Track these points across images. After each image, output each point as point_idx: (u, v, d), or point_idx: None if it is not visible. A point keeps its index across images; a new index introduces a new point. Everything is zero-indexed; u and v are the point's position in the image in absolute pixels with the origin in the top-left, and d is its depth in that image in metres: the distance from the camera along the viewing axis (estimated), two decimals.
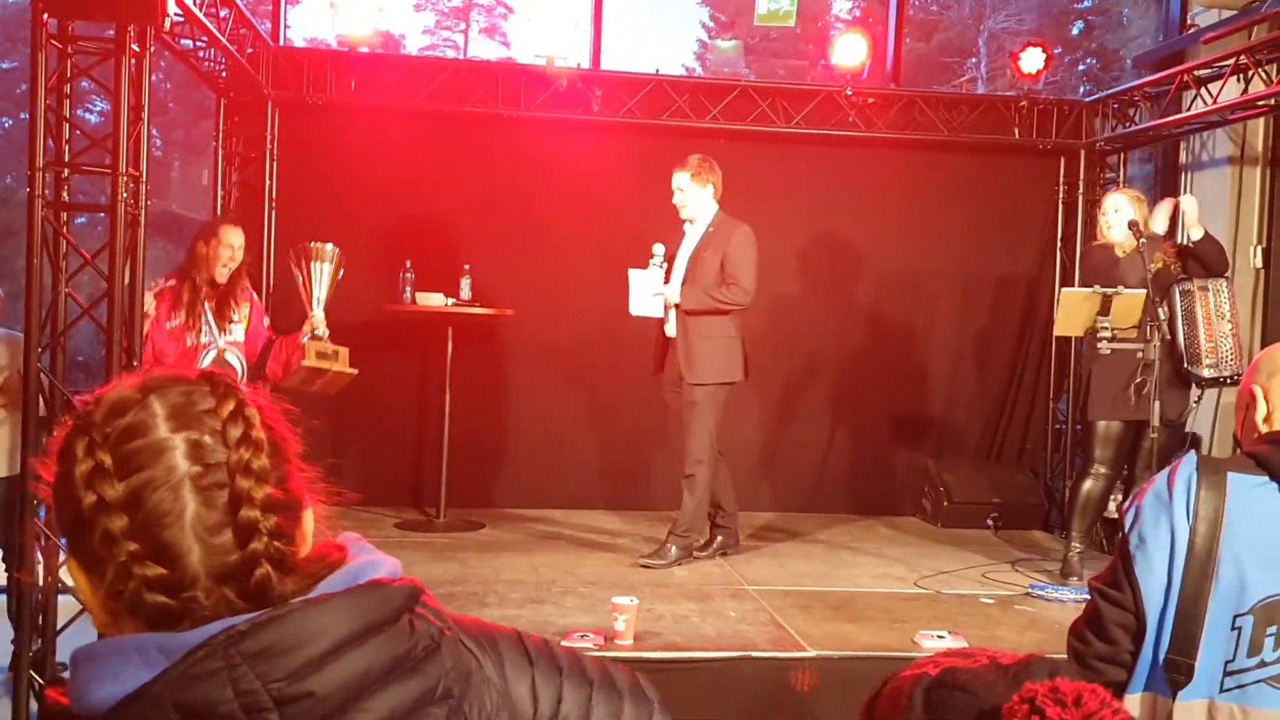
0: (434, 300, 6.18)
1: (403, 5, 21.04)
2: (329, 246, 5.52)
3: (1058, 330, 5.61)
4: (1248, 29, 6.38)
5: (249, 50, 6.16)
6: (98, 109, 15.44)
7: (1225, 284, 5.22)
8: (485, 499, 6.77)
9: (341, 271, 5.56)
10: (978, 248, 7.23)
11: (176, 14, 4.74)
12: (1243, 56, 5.98)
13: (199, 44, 5.76)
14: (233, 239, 5.25)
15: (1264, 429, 1.84)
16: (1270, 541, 1.71)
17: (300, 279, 5.54)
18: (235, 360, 5.21)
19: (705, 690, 4.11)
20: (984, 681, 1.04)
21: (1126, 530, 1.82)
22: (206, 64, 6.09)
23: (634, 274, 5.51)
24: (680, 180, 5.52)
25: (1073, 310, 5.21)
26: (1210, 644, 1.70)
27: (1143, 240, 5.14)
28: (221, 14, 5.56)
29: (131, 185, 4.43)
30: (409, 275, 6.27)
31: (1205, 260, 5.23)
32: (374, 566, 1.03)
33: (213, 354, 5.17)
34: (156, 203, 9.81)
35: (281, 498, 1.01)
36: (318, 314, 5.52)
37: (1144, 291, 5.05)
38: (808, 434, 7.19)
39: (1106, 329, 5.07)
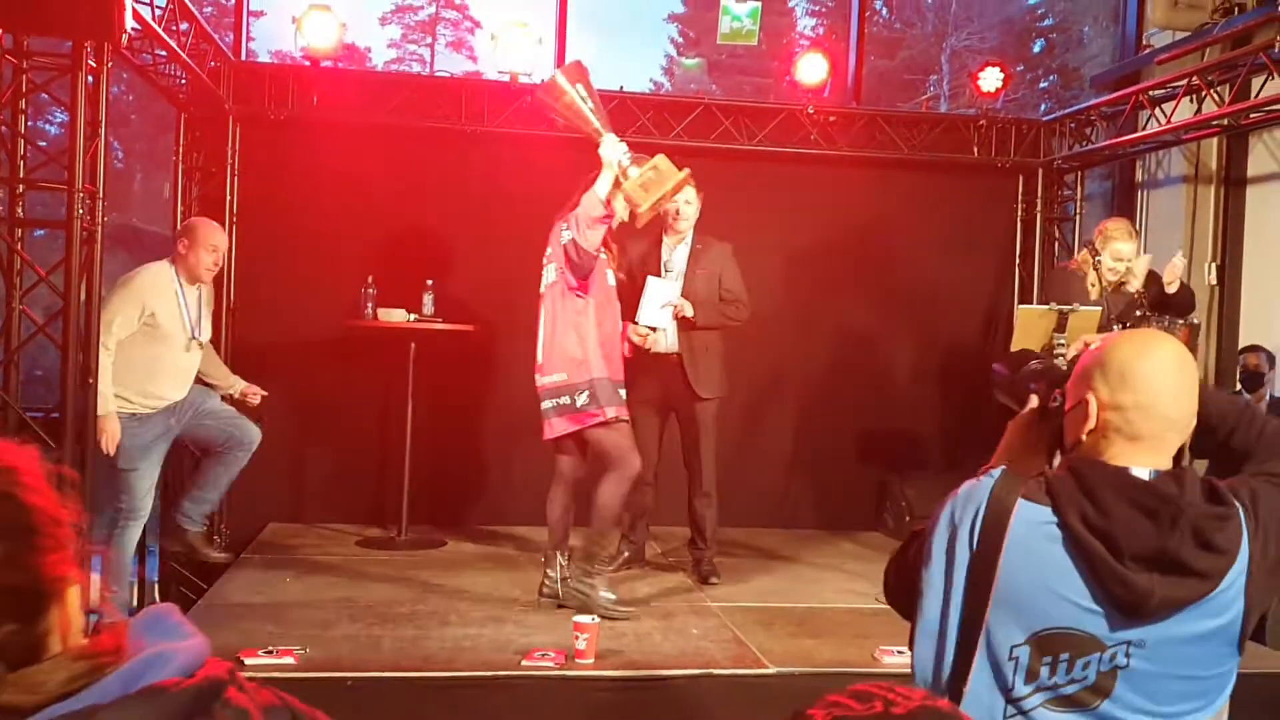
0: (396, 316, 6.17)
1: (368, 19, 20.96)
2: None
3: (1014, 346, 5.65)
4: (1200, 51, 6.51)
5: (210, 64, 6.13)
6: (58, 120, 15.28)
7: (1180, 324, 5.26)
8: (448, 516, 6.74)
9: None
10: (938, 264, 7.30)
11: (135, 28, 4.72)
12: (1195, 78, 6.08)
13: (159, 58, 5.72)
14: None
15: (1086, 443, 1.77)
16: (1044, 578, 1.68)
17: (576, 100, 4.75)
18: None
19: (666, 708, 4.11)
20: None
21: (927, 534, 1.79)
22: (166, 79, 6.05)
23: (654, 282, 5.44)
24: (690, 194, 5.48)
25: (1029, 327, 5.25)
26: (990, 671, 1.70)
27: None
28: (182, 28, 5.53)
29: (88, 201, 4.40)
30: (371, 291, 6.25)
31: (1174, 308, 5.29)
32: (158, 664, 0.84)
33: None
34: (117, 216, 9.72)
35: (16, 583, 0.82)
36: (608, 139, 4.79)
37: (1099, 309, 5.10)
38: (771, 449, 7.21)
39: (1063, 346, 5.12)
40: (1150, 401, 1.71)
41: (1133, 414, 1.71)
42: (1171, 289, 5.27)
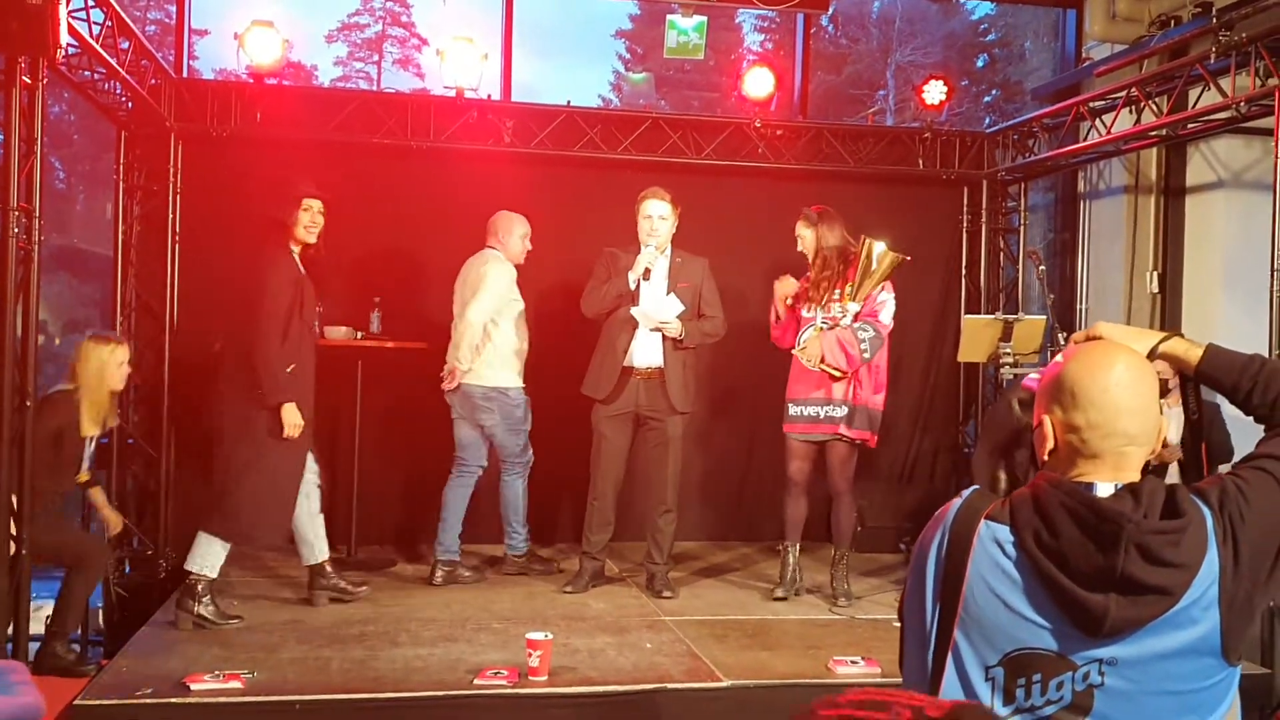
0: (342, 333, 6.10)
1: (314, 37, 20.84)
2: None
3: (961, 356, 5.71)
4: (1138, 62, 6.62)
5: (151, 81, 6.04)
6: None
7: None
8: (397, 535, 6.66)
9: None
10: None
11: (71, 44, 4.64)
12: (1134, 89, 6.18)
13: (98, 75, 5.63)
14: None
15: (1049, 462, 1.74)
16: (1007, 599, 1.66)
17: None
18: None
19: None
20: None
21: (909, 567, 1.81)
22: (106, 96, 5.95)
23: (670, 298, 5.55)
24: (664, 209, 5.55)
25: (975, 336, 5.32)
26: (965, 693, 1.69)
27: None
28: (122, 45, 5.45)
29: (23, 220, 4.31)
30: (317, 309, 6.17)
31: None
32: None
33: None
34: (59, 237, 9.54)
35: None
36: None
37: (1044, 318, 5.17)
38: (722, 463, 7.21)
39: (1009, 355, 5.18)
40: (1103, 420, 1.68)
41: (1087, 434, 1.68)
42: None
